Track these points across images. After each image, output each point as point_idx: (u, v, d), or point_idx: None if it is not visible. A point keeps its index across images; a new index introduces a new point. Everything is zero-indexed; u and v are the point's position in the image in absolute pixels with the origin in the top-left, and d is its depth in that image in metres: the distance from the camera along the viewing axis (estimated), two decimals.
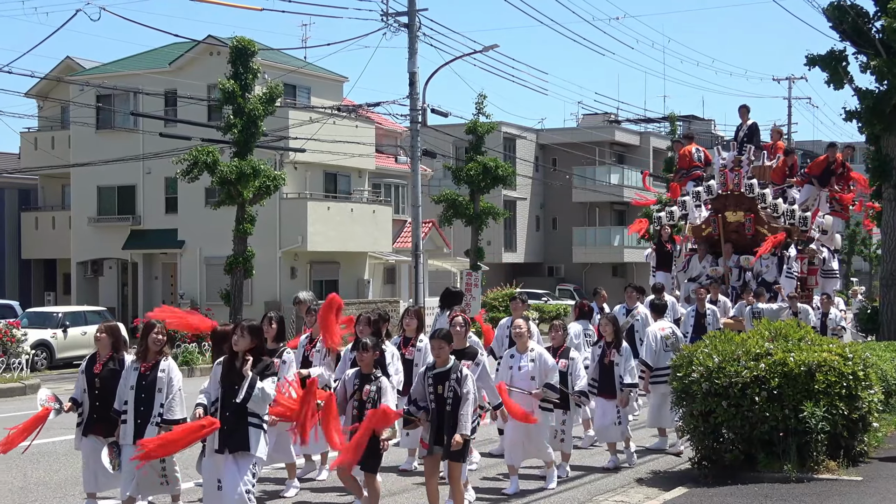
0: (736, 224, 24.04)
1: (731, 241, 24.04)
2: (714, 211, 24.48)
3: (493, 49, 36.19)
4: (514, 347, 12.70)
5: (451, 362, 10.52)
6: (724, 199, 24.31)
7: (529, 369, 12.35)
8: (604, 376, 13.93)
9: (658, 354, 15.81)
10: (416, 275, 35.76)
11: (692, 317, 20.35)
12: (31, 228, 47.60)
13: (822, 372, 12.09)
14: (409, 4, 34.26)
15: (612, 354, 13.92)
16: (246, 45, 32.98)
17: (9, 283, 46.37)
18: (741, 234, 23.97)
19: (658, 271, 24.63)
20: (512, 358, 12.57)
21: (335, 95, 44.50)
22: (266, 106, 32.99)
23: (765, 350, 12.53)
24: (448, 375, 10.42)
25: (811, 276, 24.78)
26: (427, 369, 10.68)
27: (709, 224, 24.49)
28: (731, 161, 24.45)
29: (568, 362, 13.10)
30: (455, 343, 11.27)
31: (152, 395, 10.51)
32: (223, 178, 31.92)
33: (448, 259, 50.72)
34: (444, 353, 10.52)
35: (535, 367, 12.35)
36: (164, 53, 44.17)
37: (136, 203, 44.21)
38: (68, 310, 31.99)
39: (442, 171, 50.83)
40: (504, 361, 12.79)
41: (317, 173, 43.33)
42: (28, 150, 48.14)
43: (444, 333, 10.72)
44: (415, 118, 34.39)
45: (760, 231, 23.59)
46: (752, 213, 23.81)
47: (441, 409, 10.40)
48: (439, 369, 10.50)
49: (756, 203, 23.74)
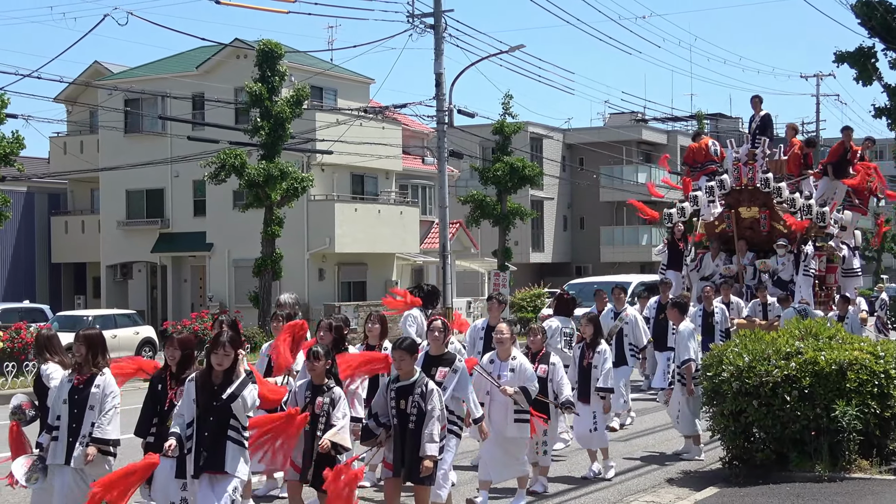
0: (750, 220, 23.48)
1: (746, 237, 23.44)
2: (727, 206, 23.80)
3: (520, 49, 36.15)
4: (495, 353, 11.53)
5: (417, 375, 9.54)
6: (737, 194, 23.67)
7: (509, 378, 11.25)
8: (582, 380, 13.11)
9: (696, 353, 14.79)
10: (443, 276, 35.77)
11: (699, 316, 19.75)
12: (60, 232, 47.87)
13: (854, 370, 12.01)
14: (435, 5, 34.26)
15: (591, 356, 13.12)
16: (273, 47, 33.09)
17: (39, 286, 46.65)
18: (756, 230, 23.44)
19: (669, 270, 23.85)
20: (491, 364, 11.43)
21: (362, 97, 44.56)
22: (293, 108, 33.10)
23: (795, 349, 12.46)
24: (412, 390, 9.43)
25: (830, 275, 23.97)
26: (390, 381, 9.71)
27: (722, 220, 23.87)
28: (745, 154, 23.80)
29: (548, 368, 12.00)
30: (432, 349, 10.64)
31: (83, 411, 9.33)
32: (251, 180, 32.03)
33: (475, 259, 50.71)
34: (405, 364, 9.53)
35: (515, 376, 11.24)
36: (192, 57, 44.39)
37: (164, 206, 44.42)
38: (98, 313, 32.15)
39: (469, 172, 50.85)
40: (483, 367, 11.58)
41: (344, 175, 43.41)
42: (57, 154, 48.45)
43: (406, 343, 9.67)
44: (441, 119, 34.39)
45: (776, 227, 23.03)
46: (767, 209, 23.22)
47: (403, 426, 9.43)
48: (403, 382, 9.51)
49: (771, 198, 23.12)
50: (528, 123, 54.76)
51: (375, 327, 12.28)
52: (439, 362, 10.51)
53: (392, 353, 9.92)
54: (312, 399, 9.57)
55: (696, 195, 24.03)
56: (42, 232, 47.65)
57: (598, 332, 13.42)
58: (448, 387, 10.30)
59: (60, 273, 48.59)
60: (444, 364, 10.48)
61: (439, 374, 10.34)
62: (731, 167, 23.89)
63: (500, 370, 11.29)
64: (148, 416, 9.55)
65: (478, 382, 11.16)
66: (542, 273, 59.06)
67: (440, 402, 9.53)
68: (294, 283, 39.71)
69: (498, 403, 11.20)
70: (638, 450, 13.93)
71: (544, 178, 52.14)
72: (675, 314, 14.88)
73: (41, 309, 33.07)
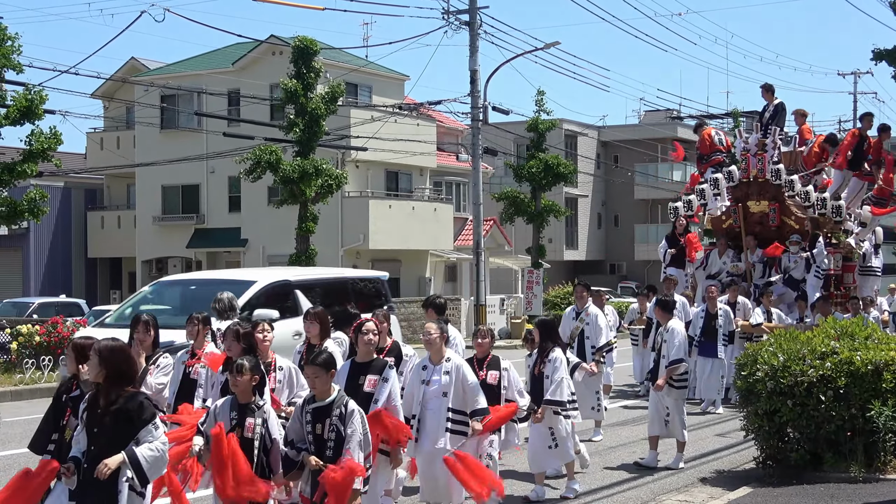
0: (759, 215, 22.14)
1: (755, 233, 22.09)
2: (735, 200, 22.37)
3: (555, 46, 36.15)
4: (427, 357, 10.30)
5: (334, 394, 8.36)
6: (746, 186, 22.29)
7: (442, 384, 10.03)
8: (534, 391, 11.67)
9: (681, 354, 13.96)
10: (477, 273, 35.83)
11: (702, 318, 19.14)
12: (97, 228, 48.20)
13: (890, 371, 11.94)
14: (471, 2, 34.30)
15: (542, 364, 11.73)
16: (308, 44, 33.16)
17: (75, 281, 46.99)
18: (765, 225, 22.08)
19: (670, 268, 22.39)
20: (424, 370, 10.20)
21: (397, 94, 44.63)
22: (328, 105, 33.16)
23: (830, 349, 12.40)
24: (329, 411, 8.26)
25: (848, 274, 22.67)
26: (305, 402, 8.50)
27: (729, 215, 22.53)
28: (755, 144, 22.29)
29: (499, 374, 10.80)
30: (360, 355, 9.62)
31: None
32: (286, 176, 32.14)
33: (509, 257, 50.68)
34: (320, 382, 8.38)
35: (450, 382, 10.02)
36: (227, 53, 44.58)
37: (199, 202, 44.67)
38: None
39: (503, 169, 50.80)
40: (413, 375, 10.41)
41: (378, 172, 43.48)
42: (94, 150, 48.78)
43: (321, 359, 8.46)
44: (476, 116, 34.43)
45: (787, 222, 21.72)
46: (776, 203, 21.89)
47: (321, 453, 8.29)
48: (318, 403, 8.35)
49: (782, 191, 21.80)
50: (563, 121, 54.63)
51: (314, 327, 10.96)
52: (367, 370, 9.44)
53: (305, 369, 8.97)
54: (241, 421, 8.43)
55: (702, 188, 22.57)
56: (78, 227, 47.98)
57: (550, 337, 11.99)
58: (380, 398, 9.28)
59: (96, 268, 48.92)
60: (372, 372, 9.42)
61: (368, 383, 9.34)
62: (740, 157, 22.80)
63: (431, 375, 10.12)
64: (46, 431, 8.12)
65: (410, 391, 10.23)
66: (575, 271, 59.01)
67: (362, 426, 8.36)
68: None
69: (431, 412, 10.02)
70: (672, 448, 13.86)
71: (579, 176, 52.02)
72: (660, 313, 14.28)
73: (77, 303, 33.30)
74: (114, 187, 49.19)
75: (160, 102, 43.34)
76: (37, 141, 25.29)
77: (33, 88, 25.43)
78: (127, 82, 44.19)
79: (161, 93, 43.07)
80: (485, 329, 11.36)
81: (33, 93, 25.25)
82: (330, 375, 8.46)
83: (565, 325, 15.40)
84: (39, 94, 25.31)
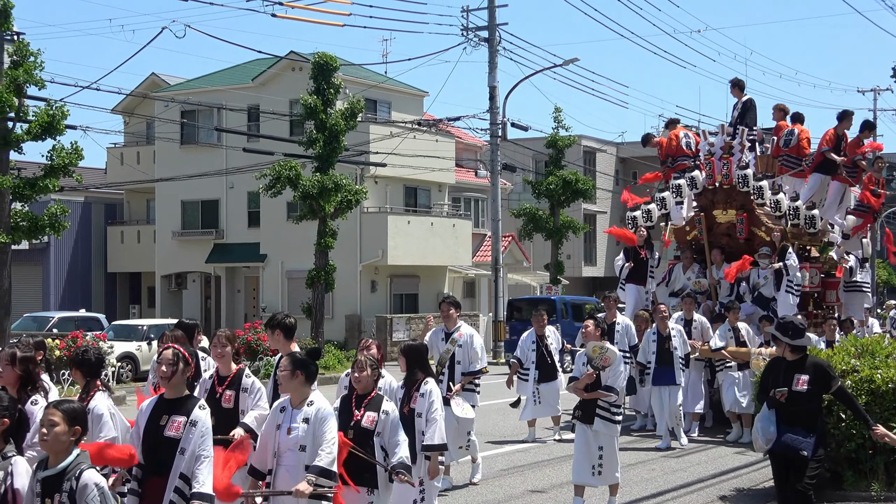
0: (727, 225, 19.68)
1: (722, 246, 19.63)
2: (700, 209, 19.94)
3: (574, 63, 36.27)
4: (287, 399, 8.09)
5: (70, 458, 6.24)
6: (711, 194, 19.76)
7: (300, 434, 7.85)
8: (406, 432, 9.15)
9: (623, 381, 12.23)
10: (495, 289, 35.84)
11: (653, 341, 17.04)
12: (116, 242, 48.38)
13: None
14: (490, 19, 34.40)
15: (413, 400, 9.71)
16: (328, 60, 33.26)
17: (95, 295, 47.14)
18: (733, 237, 19.61)
19: (629, 283, 19.82)
20: (282, 413, 8.02)
21: (416, 110, 44.70)
22: (347, 121, 33.24)
23: (851, 367, 12.35)
24: (59, 483, 6.20)
25: (830, 291, 20.21)
26: (37, 467, 6.41)
27: (694, 226, 20.00)
28: (721, 147, 19.71)
29: (377, 417, 8.57)
30: (168, 392, 7.53)
31: None
32: (305, 192, 32.20)
33: (528, 273, 50.65)
34: (57, 444, 6.25)
35: (310, 432, 7.84)
36: (247, 69, 44.74)
37: (219, 217, 44.78)
38: (152, 323, 32.44)
39: (521, 185, 50.83)
40: (271, 418, 8.17)
41: (397, 187, 43.54)
42: (114, 165, 49.02)
43: (66, 405, 6.40)
44: (495, 132, 34.51)
45: (757, 234, 19.25)
46: (745, 212, 19.40)
47: None
48: (49, 472, 6.27)
49: (751, 199, 19.24)
50: (582, 137, 54.61)
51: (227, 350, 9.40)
52: (172, 408, 7.43)
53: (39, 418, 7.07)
54: None
55: (663, 196, 20.09)
56: (98, 241, 48.17)
57: (419, 366, 9.92)
58: (187, 448, 7.28)
59: (116, 282, 49.09)
60: (179, 413, 7.37)
61: (173, 426, 7.32)
62: (704, 161, 19.93)
63: (291, 420, 7.94)
64: None
65: (264, 440, 8.10)
66: (594, 287, 58.83)
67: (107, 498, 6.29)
68: (347, 294, 39.94)
69: (285, 468, 7.92)
70: (691, 466, 13.82)
71: (597, 192, 52.03)
72: (592, 333, 11.73)
73: (97, 318, 33.43)
74: (133, 202, 49.37)
75: (180, 118, 43.50)
76: (58, 156, 25.41)
77: (55, 104, 25.58)
78: (147, 98, 44.39)
79: (181, 108, 43.24)
80: (363, 359, 8.87)
81: (55, 108, 25.39)
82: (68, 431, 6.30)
83: (433, 348, 12.75)
84: (61, 109, 25.45)
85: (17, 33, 25.41)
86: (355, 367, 8.81)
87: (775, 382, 9.67)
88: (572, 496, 11.77)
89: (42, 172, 25.72)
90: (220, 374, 9.39)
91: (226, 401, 9.08)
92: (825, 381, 9.64)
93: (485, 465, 14.22)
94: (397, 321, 39.25)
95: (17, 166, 26.63)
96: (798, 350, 9.72)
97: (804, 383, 9.55)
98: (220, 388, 9.26)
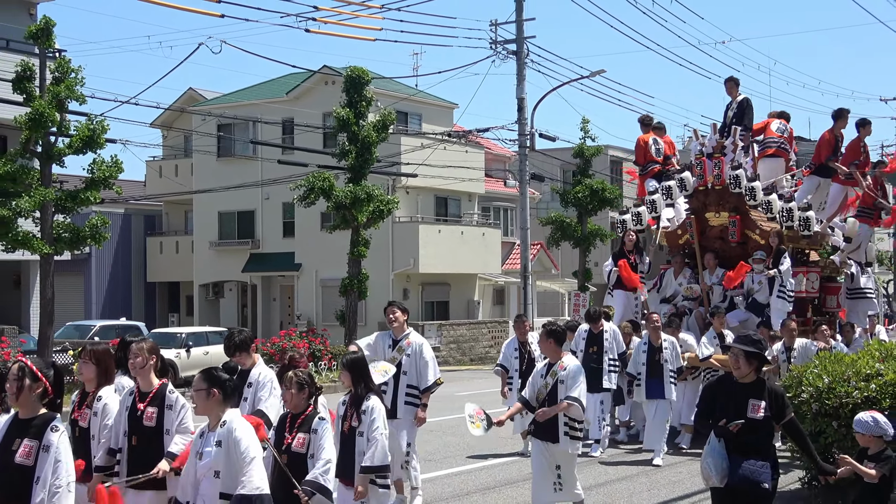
0: (719, 228, 18.56)
1: (714, 250, 18.49)
2: (691, 212, 18.73)
3: (600, 74, 36.10)
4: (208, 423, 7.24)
5: None
6: (703, 195, 18.61)
7: (212, 457, 7.00)
8: (343, 452, 8.70)
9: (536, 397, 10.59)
10: (524, 296, 35.74)
11: (643, 352, 15.95)
12: (155, 252, 48.64)
13: None
14: (518, 32, 34.35)
15: (352, 417, 8.76)
16: (360, 74, 33.32)
17: (135, 304, 47.41)
18: (726, 240, 18.45)
19: (616, 290, 19.01)
20: (200, 438, 7.22)
21: (446, 121, 44.75)
22: (379, 133, 33.29)
23: (875, 371, 12.25)
24: None
25: (830, 297, 19.31)
26: None
27: (685, 229, 18.95)
28: (713, 147, 18.49)
29: (308, 437, 7.79)
30: (22, 412, 6.84)
31: None
32: (338, 202, 32.27)
33: (556, 280, 50.56)
34: None
35: (223, 455, 6.96)
36: (282, 83, 44.93)
37: (255, 227, 44.96)
38: (191, 330, 32.59)
39: (549, 194, 50.73)
40: (193, 444, 7.39)
41: (428, 197, 43.58)
42: (153, 177, 49.29)
43: None
44: (523, 143, 34.43)
45: (751, 237, 18.12)
46: (738, 215, 18.24)
47: None
48: None
49: (744, 200, 18.01)
50: (609, 147, 54.53)
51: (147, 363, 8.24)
52: (24, 430, 6.55)
53: None
54: None
55: (653, 199, 18.81)
56: (138, 252, 48.45)
57: (364, 380, 8.91)
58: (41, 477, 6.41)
59: (155, 291, 49.34)
60: (30, 436, 6.47)
61: (23, 451, 6.47)
62: (695, 162, 18.71)
63: (205, 444, 7.10)
64: None
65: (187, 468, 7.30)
66: None
67: None
68: (379, 302, 39.75)
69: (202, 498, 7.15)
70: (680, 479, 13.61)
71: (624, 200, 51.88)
72: (547, 346, 10.55)
73: (137, 326, 33.59)
74: (172, 213, 49.64)
75: (217, 131, 43.73)
76: (98, 169, 25.57)
77: (95, 119, 25.74)
78: (185, 112, 44.67)
79: (218, 122, 43.49)
80: (290, 377, 8.06)
81: (95, 123, 25.55)
82: None
83: (377, 353, 11.65)
84: (101, 123, 25.61)
85: (58, 50, 25.62)
86: (284, 382, 8.13)
87: (724, 408, 8.14)
88: None
89: (83, 185, 25.88)
90: (141, 389, 8.18)
91: (147, 419, 8.01)
92: (780, 409, 8.21)
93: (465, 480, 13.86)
94: (429, 328, 39.25)
95: (59, 179, 26.83)
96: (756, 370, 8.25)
97: (761, 410, 8.08)
98: (142, 404, 8.10)
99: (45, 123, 24.63)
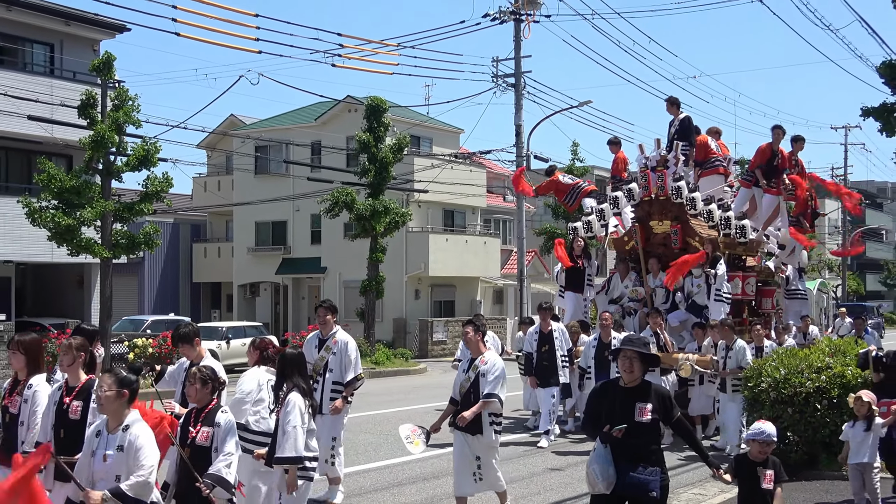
0: (663, 235, 17.96)
1: (658, 255, 17.81)
2: (637, 220, 18.31)
3: (587, 104, 36.07)
4: (104, 421, 6.48)
5: None
6: (648, 205, 18.08)
7: (114, 461, 6.25)
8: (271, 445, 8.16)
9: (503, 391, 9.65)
10: (520, 296, 35.74)
11: (594, 347, 15.41)
12: (200, 257, 48.69)
13: None
14: (516, 68, 34.37)
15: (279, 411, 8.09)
16: (379, 103, 33.38)
17: (182, 302, 47.45)
18: (669, 247, 17.78)
19: (567, 292, 18.38)
20: (97, 437, 6.41)
21: (453, 144, 44.75)
22: (395, 154, 33.33)
23: (825, 364, 12.27)
24: None
25: (766, 299, 18.66)
26: None
27: (631, 236, 18.33)
28: (657, 161, 17.93)
29: (212, 431, 7.02)
30: None
31: None
32: (359, 214, 32.33)
33: (548, 283, 50.34)
34: None
35: (124, 460, 6.24)
36: (311, 111, 44.96)
37: (287, 236, 44.96)
38: (230, 325, 32.59)
39: (543, 208, 50.71)
40: (86, 444, 6.51)
41: (437, 210, 43.56)
42: (199, 192, 49.36)
43: None
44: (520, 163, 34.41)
45: (691, 244, 17.45)
46: (679, 223, 17.69)
47: None
48: None
49: (685, 210, 17.55)
50: (595, 167, 54.49)
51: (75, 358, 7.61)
52: None
53: None
54: None
55: (601, 208, 18.65)
56: (185, 256, 48.49)
57: (288, 375, 8.15)
58: None
59: (200, 291, 49.38)
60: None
61: None
62: (640, 174, 18.26)
63: (106, 447, 6.33)
64: None
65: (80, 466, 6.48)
66: None
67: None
68: (394, 301, 39.99)
69: None
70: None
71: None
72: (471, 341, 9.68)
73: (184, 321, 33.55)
74: (215, 223, 49.69)
75: (254, 152, 43.75)
76: (152, 184, 25.59)
77: (149, 140, 25.75)
78: (227, 135, 44.71)
79: (255, 143, 43.51)
80: (194, 372, 7.29)
81: (149, 144, 25.56)
82: None
83: (307, 355, 10.40)
84: (154, 145, 25.63)
85: (118, 81, 25.64)
86: (188, 377, 7.33)
87: (610, 413, 7.00)
88: None
89: (138, 198, 25.90)
90: (69, 384, 7.56)
91: (73, 412, 7.35)
92: (668, 410, 7.10)
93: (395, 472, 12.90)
94: (437, 324, 39.29)
95: (118, 193, 26.83)
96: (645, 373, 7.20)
97: (648, 412, 6.96)
98: (69, 398, 7.43)
99: (105, 144, 24.66)
